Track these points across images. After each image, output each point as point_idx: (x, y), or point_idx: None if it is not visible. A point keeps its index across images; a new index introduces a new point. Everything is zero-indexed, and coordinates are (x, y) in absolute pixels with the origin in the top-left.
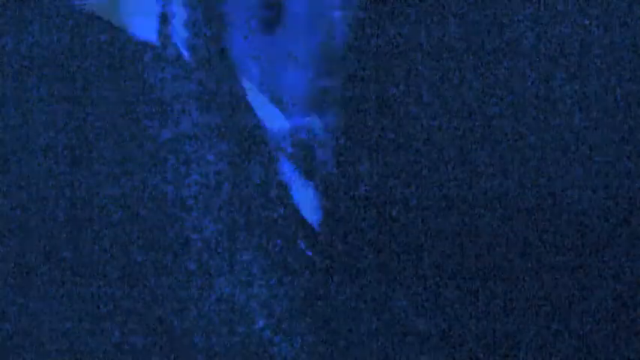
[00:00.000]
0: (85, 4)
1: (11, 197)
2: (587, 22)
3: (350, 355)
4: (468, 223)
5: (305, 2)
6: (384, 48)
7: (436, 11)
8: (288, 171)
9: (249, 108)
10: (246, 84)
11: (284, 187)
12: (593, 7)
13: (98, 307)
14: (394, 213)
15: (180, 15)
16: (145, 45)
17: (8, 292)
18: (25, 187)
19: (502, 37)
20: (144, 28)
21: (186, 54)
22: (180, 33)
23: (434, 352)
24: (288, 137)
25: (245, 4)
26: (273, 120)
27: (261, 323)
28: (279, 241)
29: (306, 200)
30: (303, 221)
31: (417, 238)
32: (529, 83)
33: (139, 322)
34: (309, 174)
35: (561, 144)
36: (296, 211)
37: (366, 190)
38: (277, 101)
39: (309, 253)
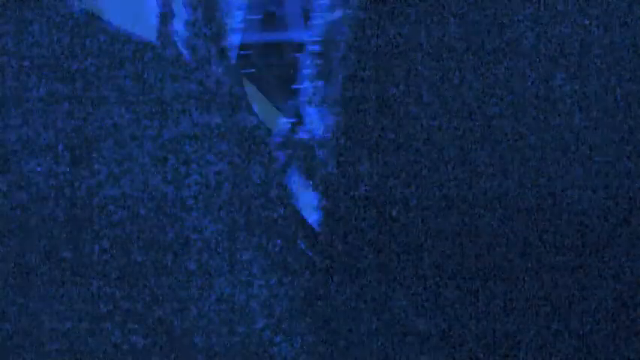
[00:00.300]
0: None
1: (11, 197)
2: (587, 22)
3: (350, 355)
4: (468, 223)
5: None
6: (384, 48)
7: (436, 11)
8: (288, 171)
9: (249, 108)
10: (247, 84)
11: (284, 187)
12: (593, 7)
13: (98, 307)
14: (394, 213)
15: (180, 15)
16: (145, 45)
17: (8, 292)
18: (25, 187)
19: (502, 37)
20: (144, 28)
21: (186, 54)
22: (180, 33)
23: (434, 352)
24: (289, 137)
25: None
26: (273, 120)
27: (261, 323)
28: (279, 241)
29: (306, 200)
30: (303, 221)
31: (417, 238)
32: (529, 83)
33: (139, 322)
34: (309, 174)
35: (561, 144)
36: (296, 211)
37: (366, 190)
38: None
39: (309, 253)
